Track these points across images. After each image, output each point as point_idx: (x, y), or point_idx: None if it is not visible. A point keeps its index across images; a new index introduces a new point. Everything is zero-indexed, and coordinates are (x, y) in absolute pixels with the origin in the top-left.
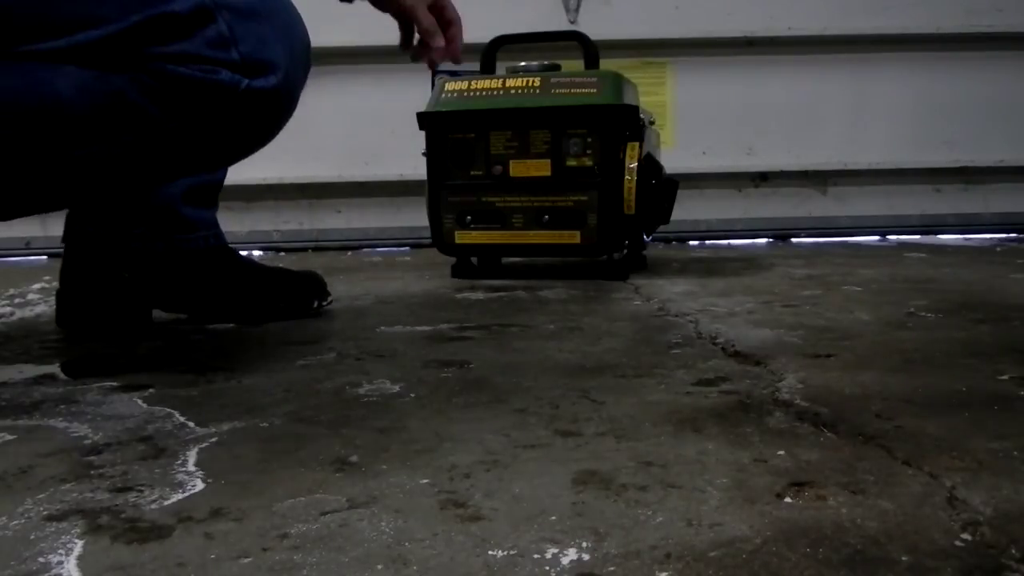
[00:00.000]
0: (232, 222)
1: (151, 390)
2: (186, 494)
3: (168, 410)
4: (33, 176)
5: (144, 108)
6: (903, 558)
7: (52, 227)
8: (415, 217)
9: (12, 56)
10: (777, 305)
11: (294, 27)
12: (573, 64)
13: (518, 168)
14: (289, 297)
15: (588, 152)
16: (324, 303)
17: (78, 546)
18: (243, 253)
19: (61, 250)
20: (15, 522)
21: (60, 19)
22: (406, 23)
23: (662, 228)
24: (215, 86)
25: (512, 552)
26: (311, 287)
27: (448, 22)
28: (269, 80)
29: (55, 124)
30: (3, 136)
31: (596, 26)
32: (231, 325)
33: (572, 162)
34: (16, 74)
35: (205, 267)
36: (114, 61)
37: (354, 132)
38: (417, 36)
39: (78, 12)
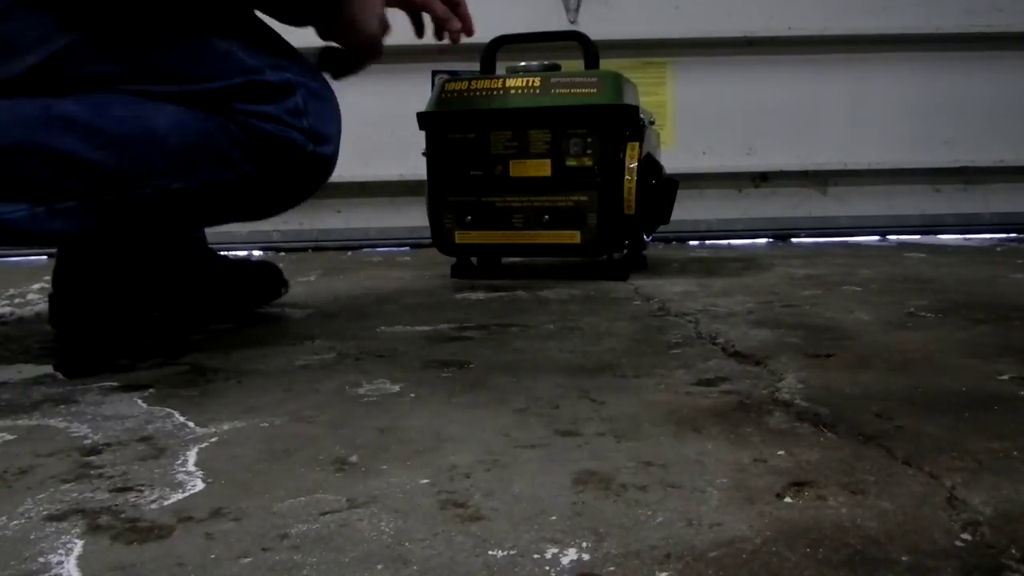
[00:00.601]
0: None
1: (151, 390)
2: (186, 494)
3: (168, 410)
4: (117, 198)
5: (227, 152)
6: (903, 558)
7: None
8: (415, 217)
9: (128, 90)
10: (777, 305)
11: (339, 112)
12: (573, 64)
13: (518, 168)
14: (259, 286)
15: (588, 152)
16: (286, 290)
17: (78, 546)
18: (243, 253)
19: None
20: (15, 522)
21: (179, 71)
22: (415, 14)
23: (662, 228)
24: (287, 144)
25: (512, 552)
26: (274, 275)
27: (455, 3)
28: (326, 148)
29: (149, 152)
30: (104, 155)
31: (596, 26)
32: (231, 325)
33: (572, 162)
34: (126, 105)
35: (182, 259)
36: (209, 109)
37: (354, 132)
38: (430, 24)
39: (194, 69)
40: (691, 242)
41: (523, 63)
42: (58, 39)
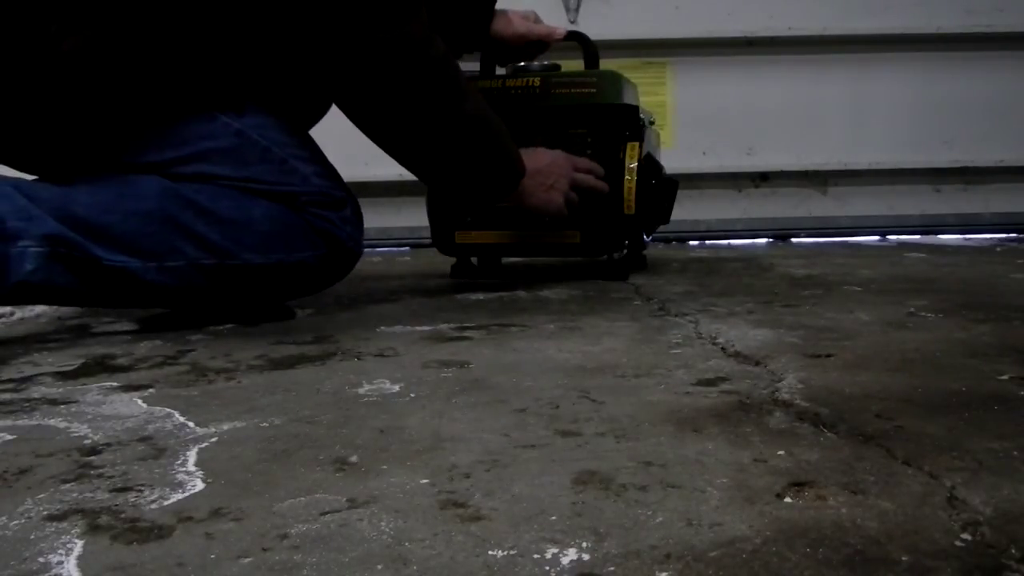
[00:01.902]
0: None
1: (151, 390)
2: (186, 494)
3: (168, 410)
4: (212, 265)
5: (297, 239)
6: (903, 558)
7: None
8: (415, 217)
9: (234, 185)
10: (777, 305)
11: (363, 226)
12: (573, 64)
13: None
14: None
15: (588, 152)
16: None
17: (78, 546)
18: None
19: None
20: (15, 522)
21: (273, 180)
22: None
23: (662, 228)
24: (338, 240)
25: (512, 552)
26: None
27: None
28: (357, 248)
29: (244, 233)
30: (211, 231)
31: (596, 26)
32: (231, 325)
33: None
34: (232, 197)
35: None
36: (290, 206)
37: (354, 133)
38: None
39: (283, 179)
40: (691, 242)
41: (523, 63)
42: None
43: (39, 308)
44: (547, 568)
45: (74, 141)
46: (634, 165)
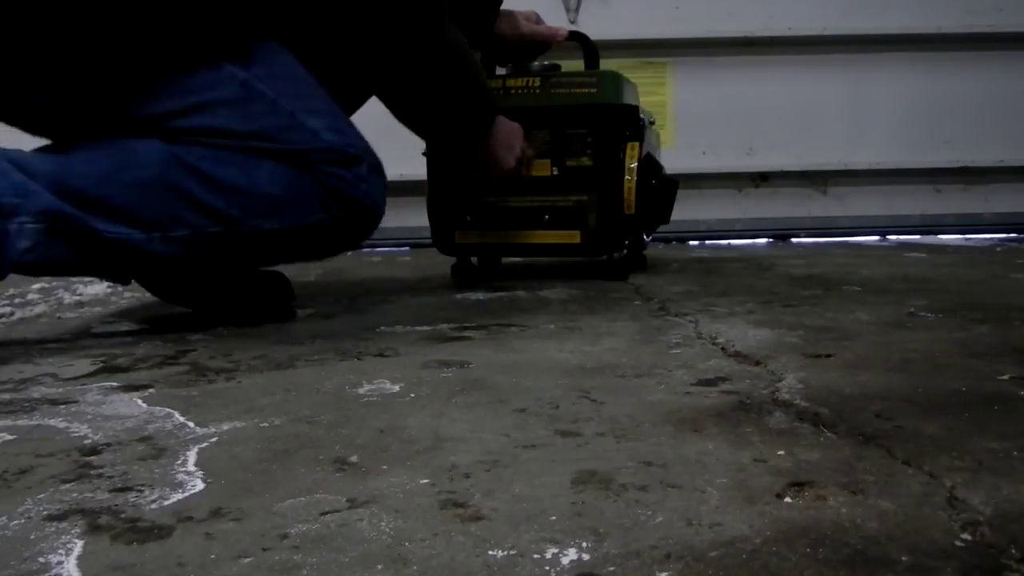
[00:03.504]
0: None
1: (151, 390)
2: (186, 494)
3: (168, 410)
4: (219, 233)
5: (308, 202)
6: (903, 558)
7: None
8: (415, 217)
9: (237, 147)
10: (777, 305)
11: (387, 185)
12: (573, 64)
13: None
14: (273, 298)
15: (588, 152)
16: (294, 302)
17: (78, 546)
18: None
19: None
20: (15, 522)
21: (280, 136)
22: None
23: (662, 228)
24: (352, 200)
25: (512, 552)
26: (285, 288)
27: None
28: (377, 208)
29: (250, 198)
30: (216, 198)
31: (596, 26)
32: (231, 325)
33: (572, 162)
34: (236, 162)
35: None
36: (298, 166)
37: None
38: None
39: (291, 136)
40: (691, 242)
41: (523, 63)
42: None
43: (39, 308)
44: (547, 568)
45: (71, 92)
46: (634, 165)
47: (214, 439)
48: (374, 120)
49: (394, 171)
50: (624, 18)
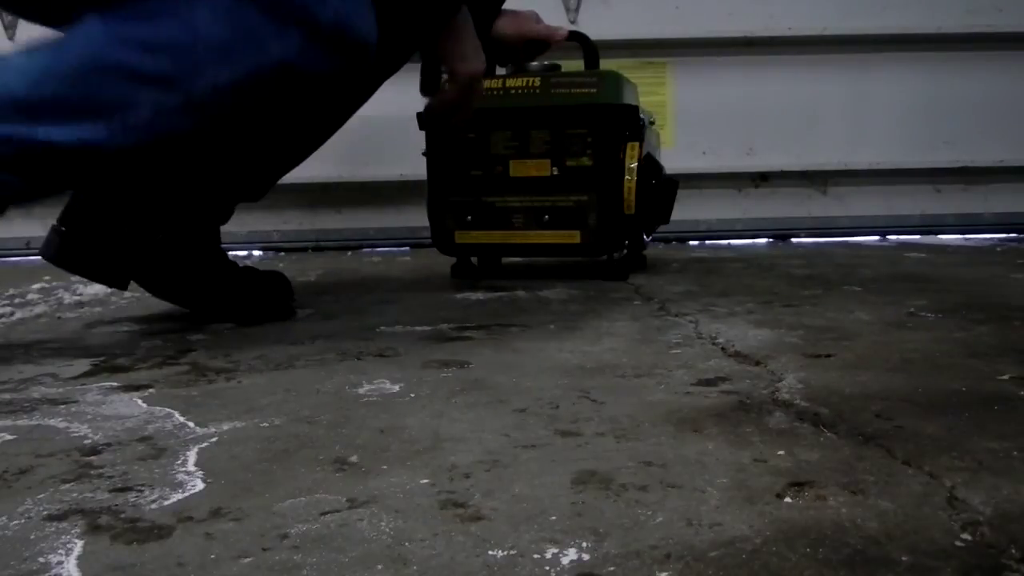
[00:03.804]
0: (233, 222)
1: (151, 390)
2: (186, 494)
3: (168, 410)
4: (180, 102)
5: (256, 31)
6: (903, 558)
7: None
8: (415, 217)
9: None
10: (777, 305)
11: (371, 13)
12: (573, 64)
13: (518, 168)
14: (273, 297)
15: (588, 152)
16: (294, 302)
17: (78, 546)
18: (242, 254)
19: None
20: (15, 522)
21: None
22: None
23: (662, 228)
24: (314, 21)
25: (512, 552)
26: (285, 287)
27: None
28: (353, 28)
29: (193, 48)
30: (158, 61)
31: (596, 26)
32: (231, 325)
33: (572, 162)
34: (168, 11)
35: (202, 261)
36: None
37: (354, 132)
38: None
39: None
40: (691, 242)
41: (523, 63)
42: None
43: (39, 308)
44: (547, 568)
45: None
46: (634, 165)
47: (214, 439)
48: (374, 120)
49: (394, 171)
50: (624, 18)
